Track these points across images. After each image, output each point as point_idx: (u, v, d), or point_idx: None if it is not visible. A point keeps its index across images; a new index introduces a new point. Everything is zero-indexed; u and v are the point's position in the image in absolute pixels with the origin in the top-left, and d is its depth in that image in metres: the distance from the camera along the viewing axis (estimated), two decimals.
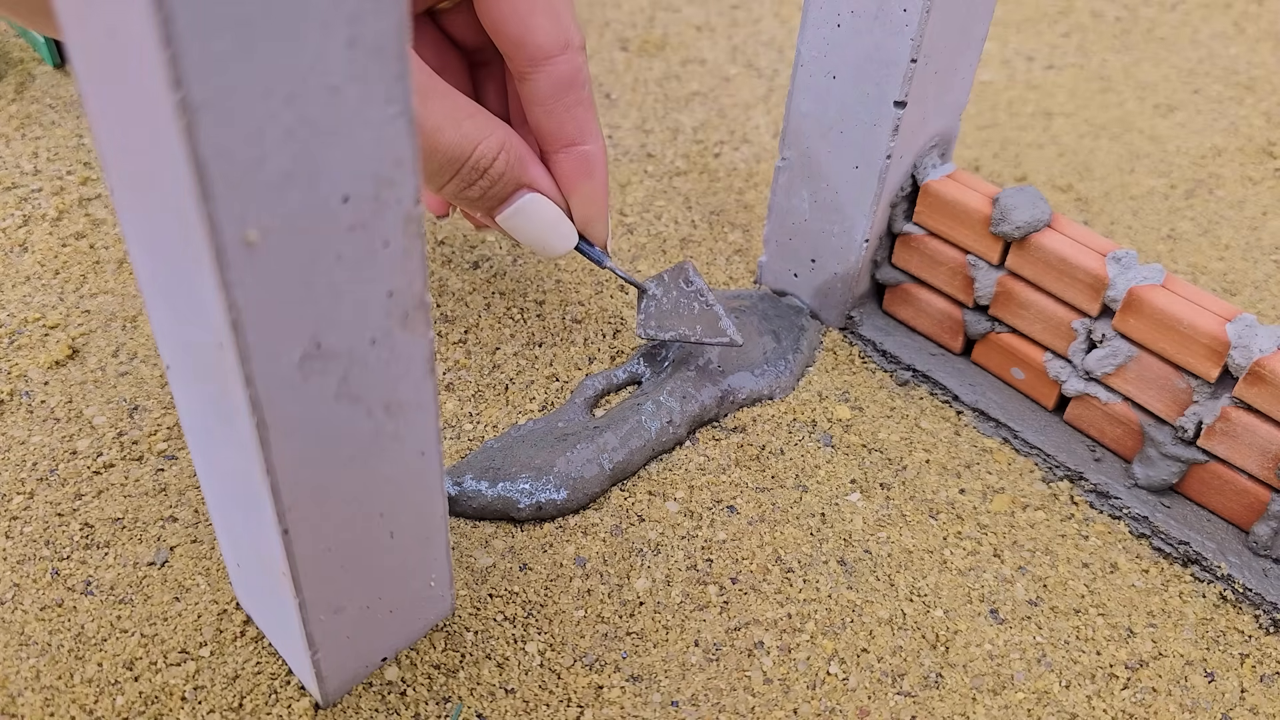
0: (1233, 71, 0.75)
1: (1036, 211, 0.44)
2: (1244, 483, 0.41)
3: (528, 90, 0.42)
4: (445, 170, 0.40)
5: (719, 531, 0.42)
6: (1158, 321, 0.41)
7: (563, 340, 0.50)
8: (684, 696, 0.37)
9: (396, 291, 0.27)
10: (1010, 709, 0.37)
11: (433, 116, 0.38)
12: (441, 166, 0.39)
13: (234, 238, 0.22)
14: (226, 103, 0.21)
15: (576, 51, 0.41)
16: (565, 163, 0.43)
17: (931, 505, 0.44)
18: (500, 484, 0.41)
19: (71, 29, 0.22)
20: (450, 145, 0.39)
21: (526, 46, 0.40)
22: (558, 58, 0.41)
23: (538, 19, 0.40)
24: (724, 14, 0.79)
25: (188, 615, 0.38)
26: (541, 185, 0.43)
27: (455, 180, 0.40)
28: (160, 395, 0.46)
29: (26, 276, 0.51)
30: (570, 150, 0.43)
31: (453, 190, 0.41)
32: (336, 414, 0.28)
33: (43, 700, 0.35)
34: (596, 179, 0.44)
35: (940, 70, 0.45)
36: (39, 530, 0.40)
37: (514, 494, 0.41)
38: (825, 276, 0.51)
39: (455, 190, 0.41)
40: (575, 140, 0.43)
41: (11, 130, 0.61)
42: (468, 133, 0.39)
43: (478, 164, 0.40)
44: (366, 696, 0.36)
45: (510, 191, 0.42)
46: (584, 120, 0.43)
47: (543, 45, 0.40)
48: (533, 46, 0.40)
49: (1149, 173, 0.64)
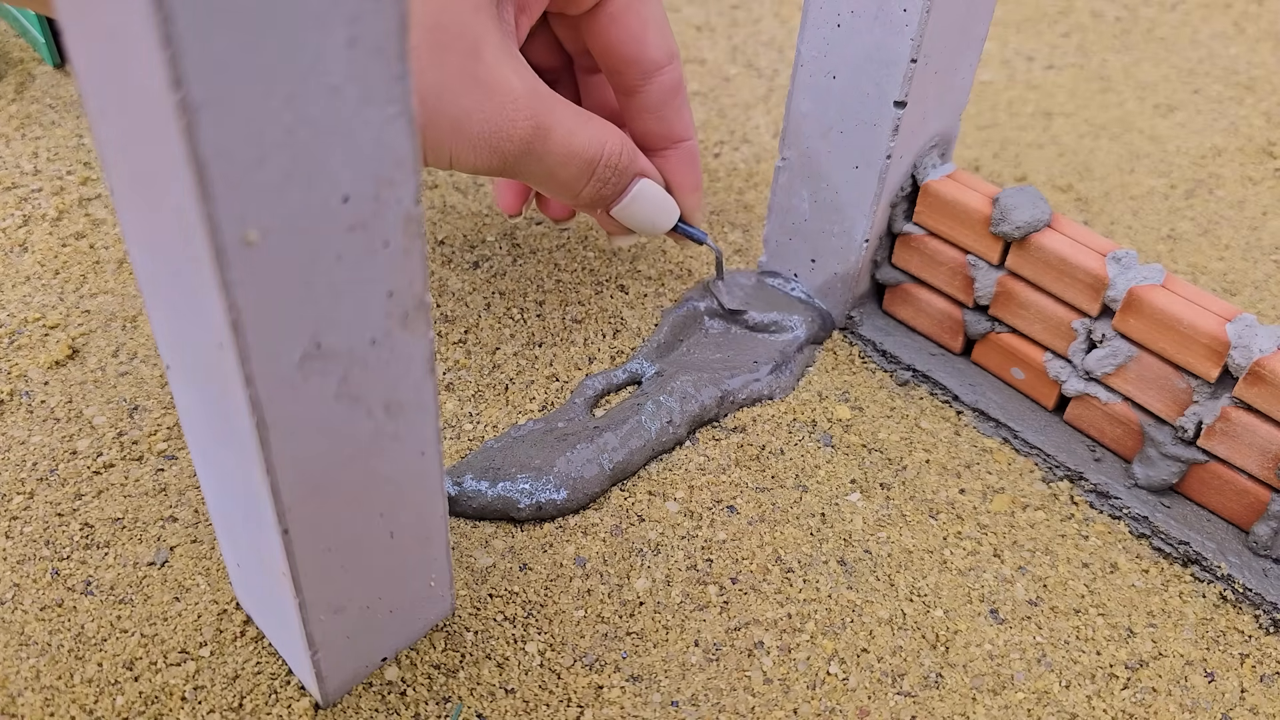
0: (1233, 71, 0.75)
1: (1036, 211, 0.44)
2: (1244, 483, 0.41)
3: (639, 101, 0.45)
4: (584, 172, 0.42)
5: (719, 531, 0.42)
6: (1158, 321, 0.41)
7: (563, 340, 0.50)
8: (684, 696, 0.37)
9: (396, 291, 0.27)
10: (1010, 709, 0.37)
11: (565, 122, 0.41)
12: (580, 170, 0.42)
13: (234, 238, 0.22)
14: (226, 103, 0.21)
15: (679, 60, 0.45)
16: (674, 157, 0.47)
17: (931, 505, 0.44)
18: (500, 484, 0.41)
19: (71, 29, 0.22)
20: (585, 147, 0.41)
21: (641, 63, 0.44)
22: (667, 68, 0.44)
23: (651, 37, 0.43)
24: (724, 14, 0.79)
25: (188, 615, 0.38)
26: (650, 170, 0.45)
27: (593, 180, 0.43)
28: (160, 395, 0.46)
29: (26, 276, 0.51)
30: (680, 146, 0.47)
31: (592, 190, 0.43)
32: (336, 414, 0.28)
33: (43, 700, 0.35)
34: (698, 168, 0.48)
35: (940, 70, 0.45)
36: (39, 530, 0.40)
37: (514, 494, 0.41)
38: (825, 276, 0.51)
39: (594, 190, 0.43)
40: (681, 136, 0.46)
41: (11, 130, 0.61)
42: (595, 134, 0.42)
43: (609, 160, 0.42)
44: (366, 696, 0.36)
45: (629, 181, 0.44)
46: (687, 118, 0.46)
47: (656, 59, 0.44)
48: (648, 61, 0.44)
49: (1149, 173, 0.64)
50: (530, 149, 0.40)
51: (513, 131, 0.39)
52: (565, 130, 0.41)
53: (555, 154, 0.41)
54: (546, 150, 0.41)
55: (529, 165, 0.41)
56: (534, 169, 0.41)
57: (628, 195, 0.45)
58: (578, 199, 0.44)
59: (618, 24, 0.43)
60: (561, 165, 0.41)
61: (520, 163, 0.41)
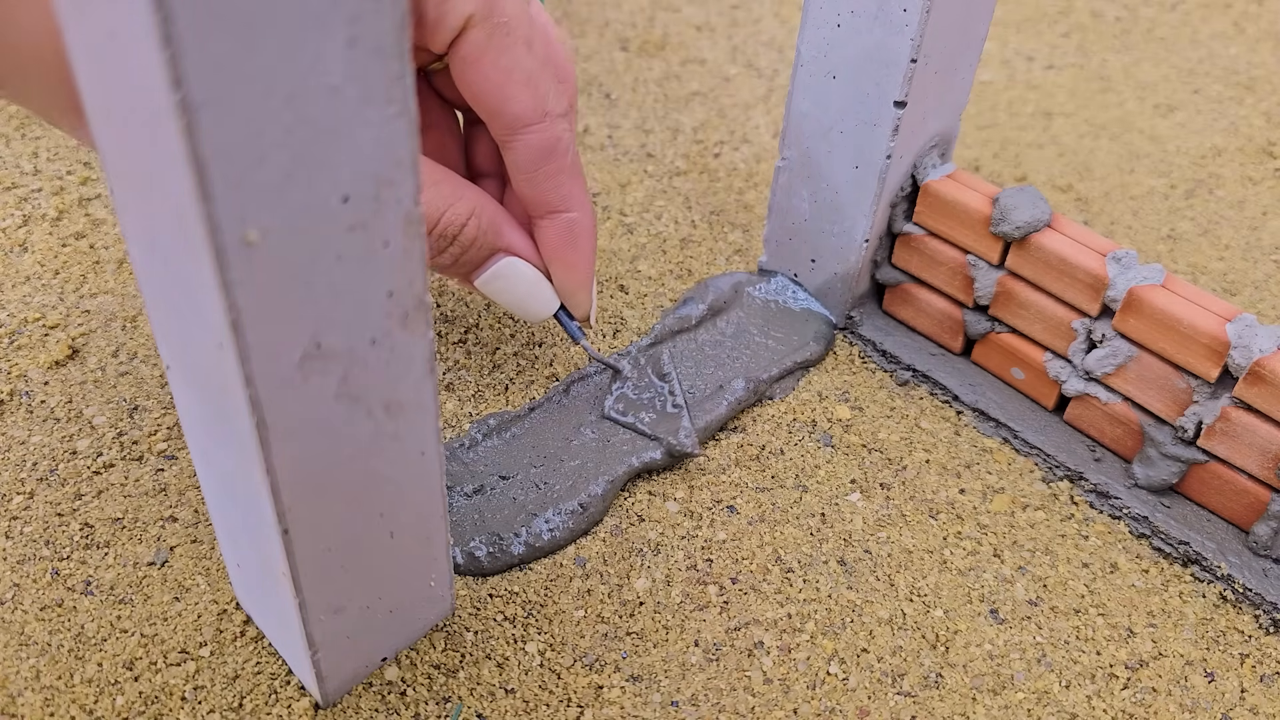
0: (1233, 71, 0.75)
1: (1036, 211, 0.44)
2: (1244, 483, 0.41)
3: (509, 158, 0.41)
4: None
5: (719, 531, 0.42)
6: (1158, 321, 0.41)
7: (563, 340, 0.50)
8: (684, 696, 0.37)
9: (396, 291, 0.27)
10: (1010, 709, 0.37)
11: None
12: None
13: (234, 238, 0.22)
14: (226, 103, 0.21)
15: (555, 120, 0.41)
16: (548, 230, 0.43)
17: (931, 505, 0.44)
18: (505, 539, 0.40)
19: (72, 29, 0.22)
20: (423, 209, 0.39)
21: (504, 115, 0.40)
22: (534, 126, 0.40)
23: (513, 89, 0.39)
24: (724, 14, 0.79)
25: (188, 615, 0.38)
26: (519, 249, 0.42)
27: (431, 247, 0.40)
28: (160, 395, 0.46)
29: (26, 276, 0.51)
30: (554, 217, 0.42)
31: (434, 258, 0.41)
32: (336, 414, 0.28)
33: (43, 700, 0.35)
34: (580, 248, 0.43)
35: (940, 70, 0.45)
36: (39, 530, 0.40)
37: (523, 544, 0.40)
38: (825, 276, 0.51)
39: (436, 259, 0.41)
40: (558, 207, 0.42)
41: (11, 130, 0.61)
42: (432, 200, 0.39)
43: (445, 231, 0.40)
44: (366, 696, 0.36)
45: (486, 256, 0.42)
46: (567, 188, 0.42)
47: (519, 115, 0.40)
48: (509, 116, 0.40)
49: (1149, 173, 0.64)
50: None
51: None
52: None
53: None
54: None
55: None
56: None
57: (486, 270, 0.42)
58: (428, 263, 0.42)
59: (474, 70, 0.39)
60: None
61: None
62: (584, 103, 0.68)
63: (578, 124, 0.65)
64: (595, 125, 0.66)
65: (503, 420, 0.45)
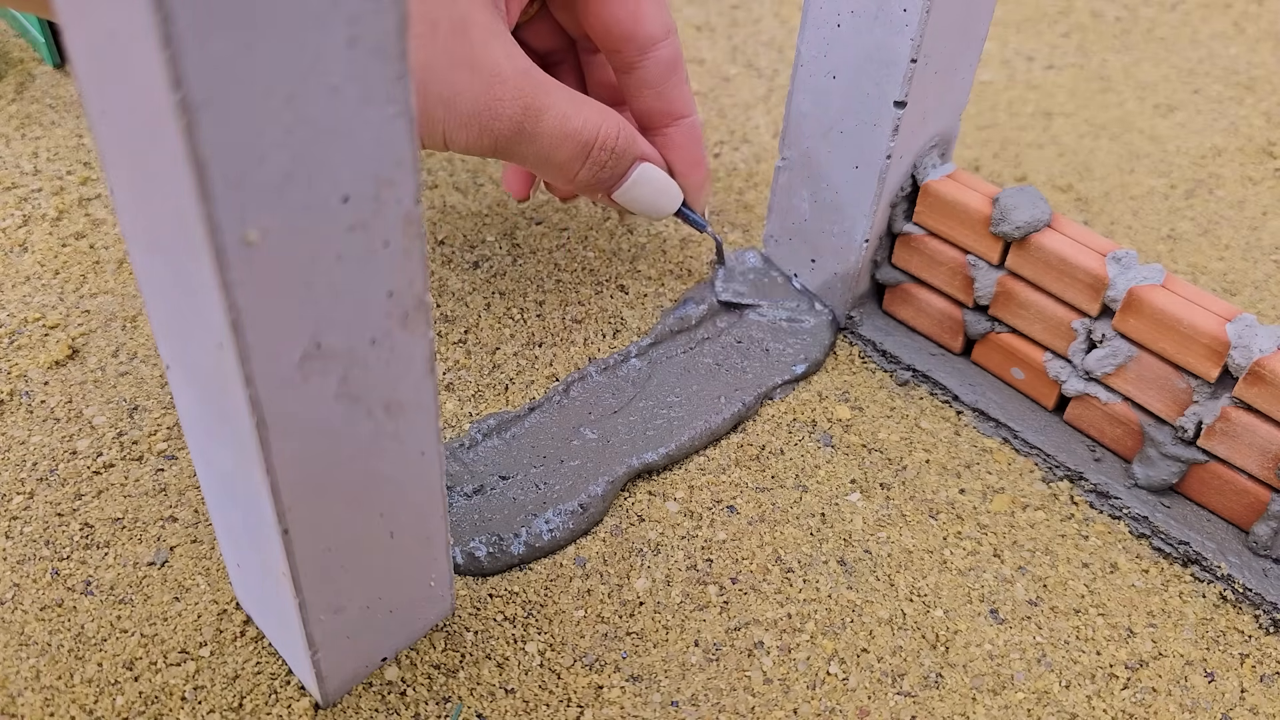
0: (1233, 71, 0.75)
1: (1036, 211, 0.44)
2: (1244, 483, 0.41)
3: (637, 77, 0.45)
4: (578, 155, 0.42)
5: (719, 531, 0.42)
6: (1158, 321, 0.41)
7: (563, 340, 0.50)
8: (684, 696, 0.37)
9: (396, 291, 0.27)
10: (1010, 709, 0.37)
11: (559, 105, 0.41)
12: (575, 153, 0.42)
13: (234, 238, 0.22)
14: (226, 103, 0.21)
15: (676, 35, 0.45)
16: (676, 135, 0.47)
17: (931, 505, 0.44)
18: (505, 540, 0.41)
19: (71, 29, 0.22)
20: (579, 129, 0.41)
21: (637, 37, 0.44)
22: (663, 42, 0.44)
23: (645, 9, 0.43)
24: (724, 14, 0.79)
25: (188, 615, 0.38)
26: (650, 156, 0.45)
27: (589, 164, 0.43)
28: (160, 395, 0.46)
29: (26, 276, 0.51)
30: (679, 123, 0.46)
31: (588, 174, 0.43)
32: (336, 414, 0.28)
33: (43, 700, 0.35)
34: (702, 145, 0.47)
35: (940, 70, 0.45)
36: (39, 530, 0.40)
37: (523, 544, 0.41)
38: (825, 276, 0.51)
39: (590, 174, 0.43)
40: (683, 112, 0.46)
41: (11, 130, 0.61)
42: (590, 117, 0.42)
43: (605, 143, 0.42)
44: (366, 696, 0.36)
45: (629, 165, 0.44)
46: (687, 94, 0.46)
47: (652, 34, 0.44)
48: (643, 36, 0.44)
49: (1149, 173, 0.64)
50: (522, 130, 0.40)
51: (502, 111, 0.39)
52: (559, 113, 0.41)
53: (549, 136, 0.41)
54: (539, 132, 0.41)
55: (522, 147, 0.41)
56: (528, 151, 0.41)
57: (627, 179, 0.45)
58: (575, 182, 0.44)
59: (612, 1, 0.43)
60: (556, 148, 0.41)
61: (513, 144, 0.41)
62: None
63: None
64: None
65: (503, 420, 0.45)
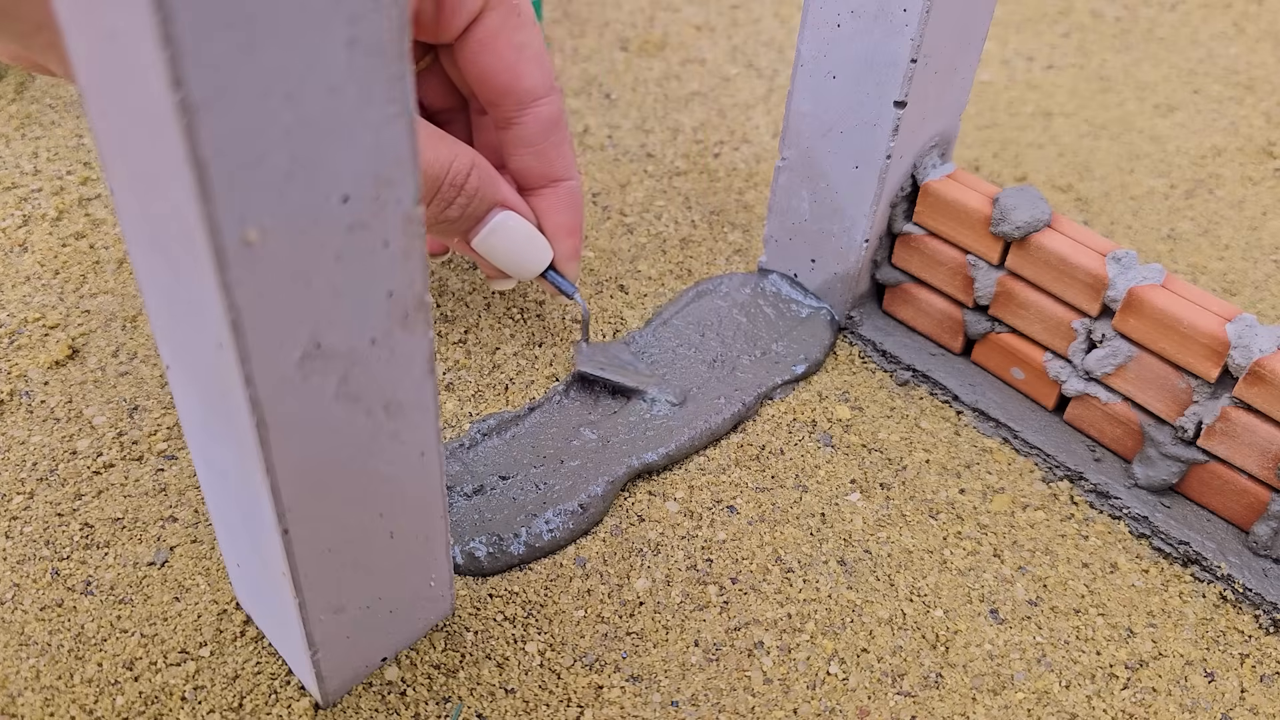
0: (1233, 71, 0.75)
1: (1036, 211, 0.44)
2: (1244, 483, 0.41)
3: (514, 134, 0.44)
4: (426, 191, 0.41)
5: (719, 531, 0.42)
6: (1158, 321, 0.41)
7: (563, 340, 0.50)
8: (684, 696, 0.37)
9: (396, 291, 0.27)
10: (1010, 709, 0.37)
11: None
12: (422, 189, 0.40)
13: (234, 238, 0.22)
14: (226, 103, 0.21)
15: (558, 93, 0.44)
16: (551, 197, 0.45)
17: (931, 505, 0.44)
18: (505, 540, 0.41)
19: (71, 29, 0.22)
20: (428, 164, 0.40)
21: (515, 92, 0.42)
22: (544, 100, 0.43)
23: (525, 66, 0.42)
24: (724, 14, 0.79)
25: (188, 615, 0.38)
26: (514, 203, 0.44)
27: (436, 200, 0.41)
28: (160, 395, 0.46)
29: (26, 276, 0.51)
30: (557, 186, 0.45)
31: (434, 212, 0.42)
32: (336, 414, 0.28)
33: (43, 700, 0.35)
34: (579, 213, 0.46)
35: (940, 70, 0.45)
36: (39, 530, 0.40)
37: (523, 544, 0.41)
38: (825, 276, 0.51)
39: (437, 211, 0.42)
40: (561, 175, 0.45)
41: (11, 130, 0.61)
42: (441, 153, 0.40)
43: (454, 180, 0.41)
44: (366, 696, 0.36)
45: (486, 210, 0.43)
46: (568, 156, 0.45)
47: (531, 89, 0.42)
48: (522, 91, 0.42)
49: (1149, 173, 0.64)
50: None
51: None
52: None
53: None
54: None
55: None
56: None
57: (485, 226, 0.43)
58: (431, 221, 0.42)
59: (489, 50, 0.41)
60: None
61: None
62: (584, 103, 0.68)
63: (578, 123, 0.66)
64: (595, 125, 0.66)
65: (503, 420, 0.45)
